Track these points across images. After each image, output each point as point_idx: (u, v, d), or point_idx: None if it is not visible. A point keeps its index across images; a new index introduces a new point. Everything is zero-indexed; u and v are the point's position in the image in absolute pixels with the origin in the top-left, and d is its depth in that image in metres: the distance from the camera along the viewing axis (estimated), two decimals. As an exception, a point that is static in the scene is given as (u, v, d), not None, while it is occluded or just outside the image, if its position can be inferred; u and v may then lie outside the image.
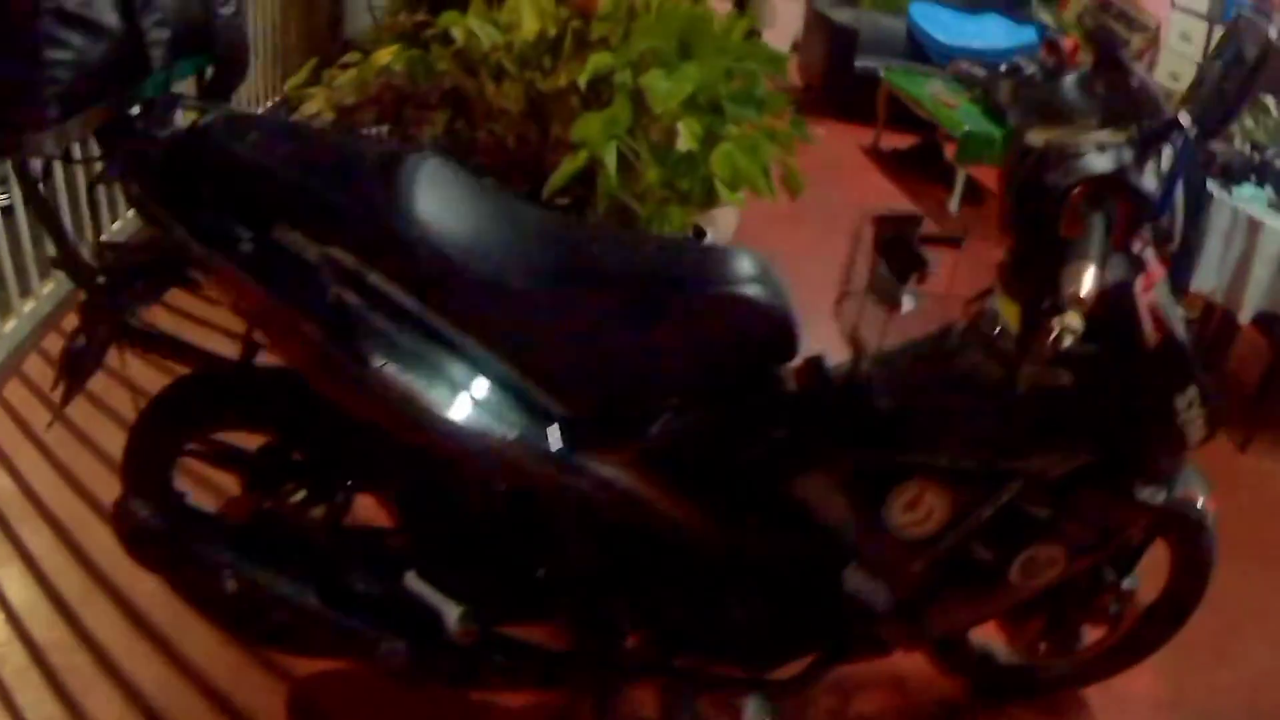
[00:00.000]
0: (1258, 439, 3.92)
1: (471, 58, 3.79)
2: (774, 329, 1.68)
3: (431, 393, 1.54)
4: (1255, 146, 4.16)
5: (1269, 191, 4.03)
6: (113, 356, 1.78)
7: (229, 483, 1.99)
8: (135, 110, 1.59)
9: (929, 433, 1.75)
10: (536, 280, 1.61)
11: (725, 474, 1.73)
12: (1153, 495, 1.81)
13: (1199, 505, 2.05)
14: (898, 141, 6.78)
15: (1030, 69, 1.89)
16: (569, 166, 3.14)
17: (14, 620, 2.36)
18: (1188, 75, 6.66)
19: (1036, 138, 1.68)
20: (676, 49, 3.61)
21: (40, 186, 1.72)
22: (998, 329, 1.70)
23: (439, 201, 1.58)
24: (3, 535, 2.62)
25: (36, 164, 1.65)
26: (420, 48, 4.12)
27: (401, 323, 1.57)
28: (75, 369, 1.72)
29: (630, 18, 3.77)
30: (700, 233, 3.77)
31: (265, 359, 1.79)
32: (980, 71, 4.36)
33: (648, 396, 1.69)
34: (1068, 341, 1.41)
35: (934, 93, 6.15)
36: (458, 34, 3.82)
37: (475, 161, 3.59)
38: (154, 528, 1.86)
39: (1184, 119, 1.59)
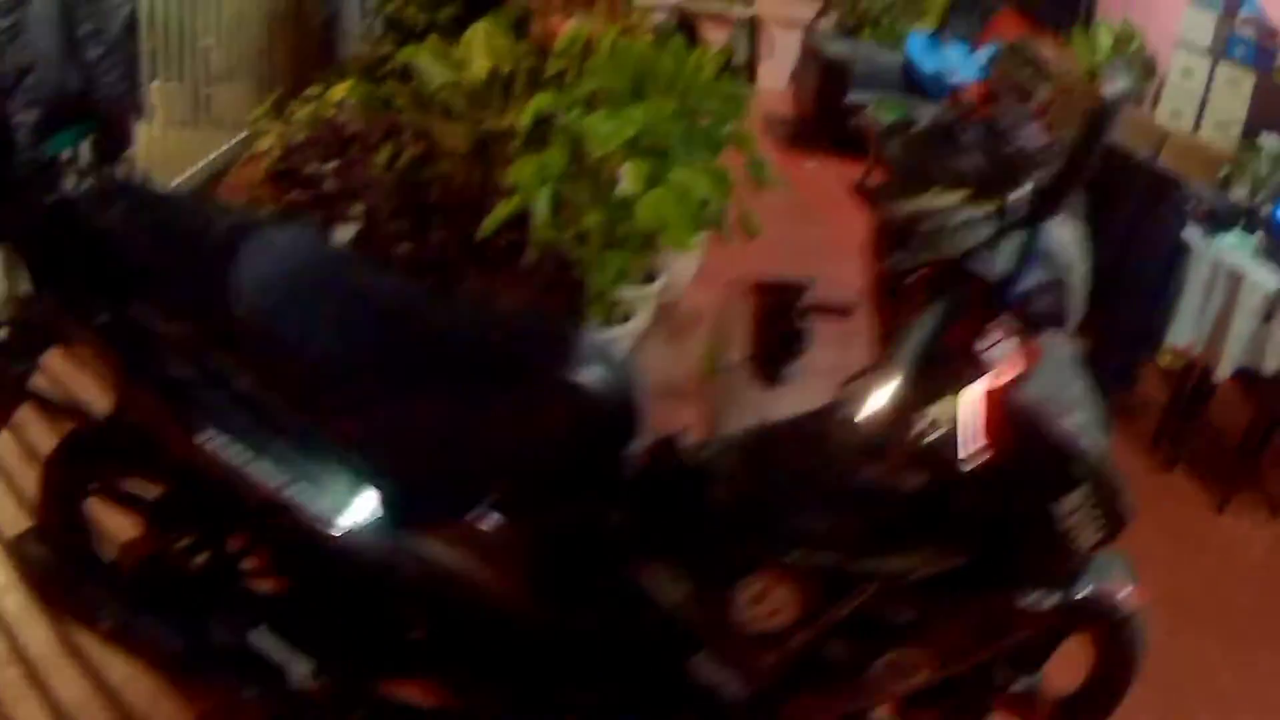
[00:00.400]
0: (1236, 500, 3.76)
1: (423, 96, 3.70)
2: (609, 414, 1.62)
3: (256, 466, 1.57)
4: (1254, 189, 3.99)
5: (1258, 239, 3.85)
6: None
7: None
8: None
9: (777, 526, 1.64)
10: (371, 362, 1.61)
11: (565, 556, 1.68)
12: (1039, 601, 1.65)
13: (1119, 598, 1.84)
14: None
15: (924, 123, 1.74)
16: (501, 211, 3.04)
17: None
18: (1189, 113, 6.52)
19: (902, 205, 1.54)
20: (629, 88, 3.49)
21: None
22: (859, 416, 1.56)
23: (276, 280, 1.59)
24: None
25: None
26: (379, 82, 4.04)
27: (235, 398, 1.60)
28: None
29: (584, 55, 3.67)
30: (650, 276, 3.64)
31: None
32: (878, 123, 4.25)
33: (477, 477, 1.66)
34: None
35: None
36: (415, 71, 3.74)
37: (426, 201, 3.49)
38: (45, 565, 1.91)
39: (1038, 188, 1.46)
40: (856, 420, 1.53)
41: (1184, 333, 3.78)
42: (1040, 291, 1.50)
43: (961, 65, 7.21)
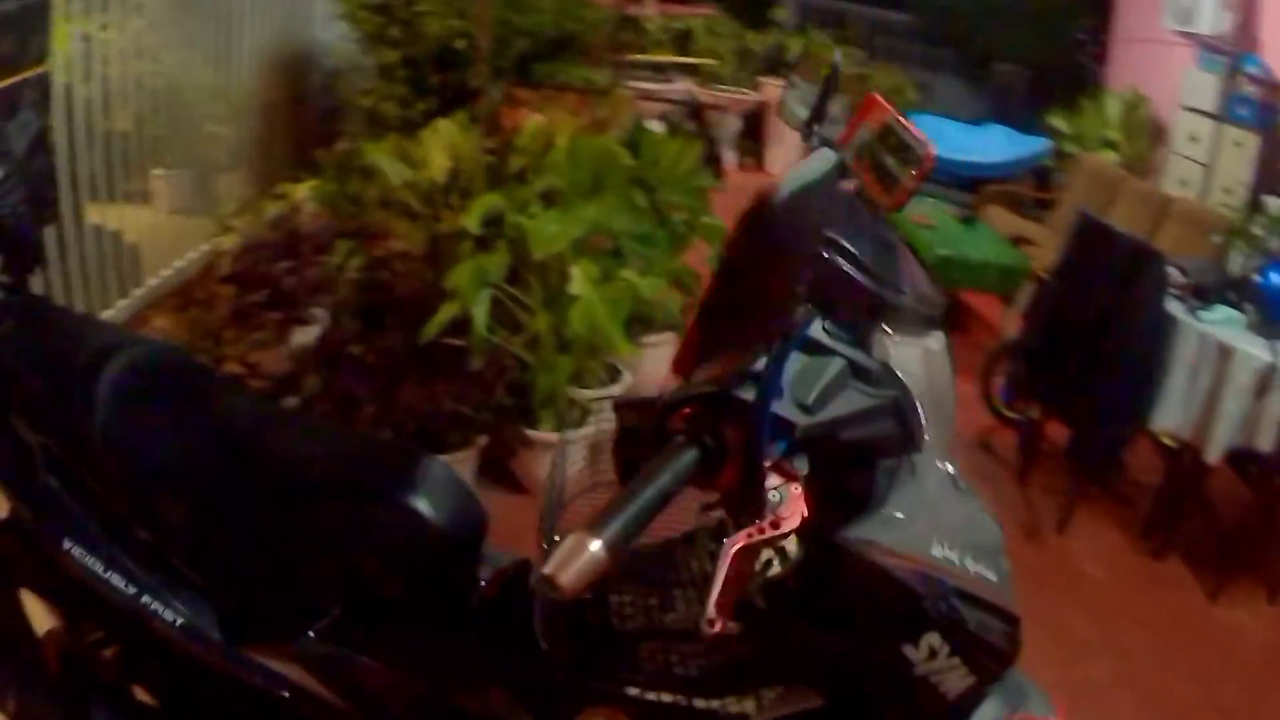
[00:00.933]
0: (1232, 587, 3.57)
1: (384, 195, 3.68)
2: (445, 540, 1.60)
3: (110, 576, 1.67)
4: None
5: (1249, 313, 3.66)
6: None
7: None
8: None
9: (617, 660, 1.55)
10: (212, 478, 1.66)
11: (401, 680, 1.65)
12: None
13: None
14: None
15: None
16: (441, 315, 2.98)
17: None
18: (1195, 180, 6.40)
19: None
20: (589, 185, 3.45)
21: None
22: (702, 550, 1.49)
23: (131, 397, 1.68)
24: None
25: None
26: (345, 179, 4.03)
27: (92, 509, 1.70)
28: None
29: (544, 151, 3.63)
30: (614, 373, 3.56)
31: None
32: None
33: (312, 597, 1.67)
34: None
35: (912, 213, 5.93)
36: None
37: (380, 303, 3.45)
38: None
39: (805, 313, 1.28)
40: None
41: (1171, 415, 3.58)
42: (865, 418, 1.38)
43: (977, 147, 7.14)
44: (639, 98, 7.23)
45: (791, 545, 1.33)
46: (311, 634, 1.63)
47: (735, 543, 1.21)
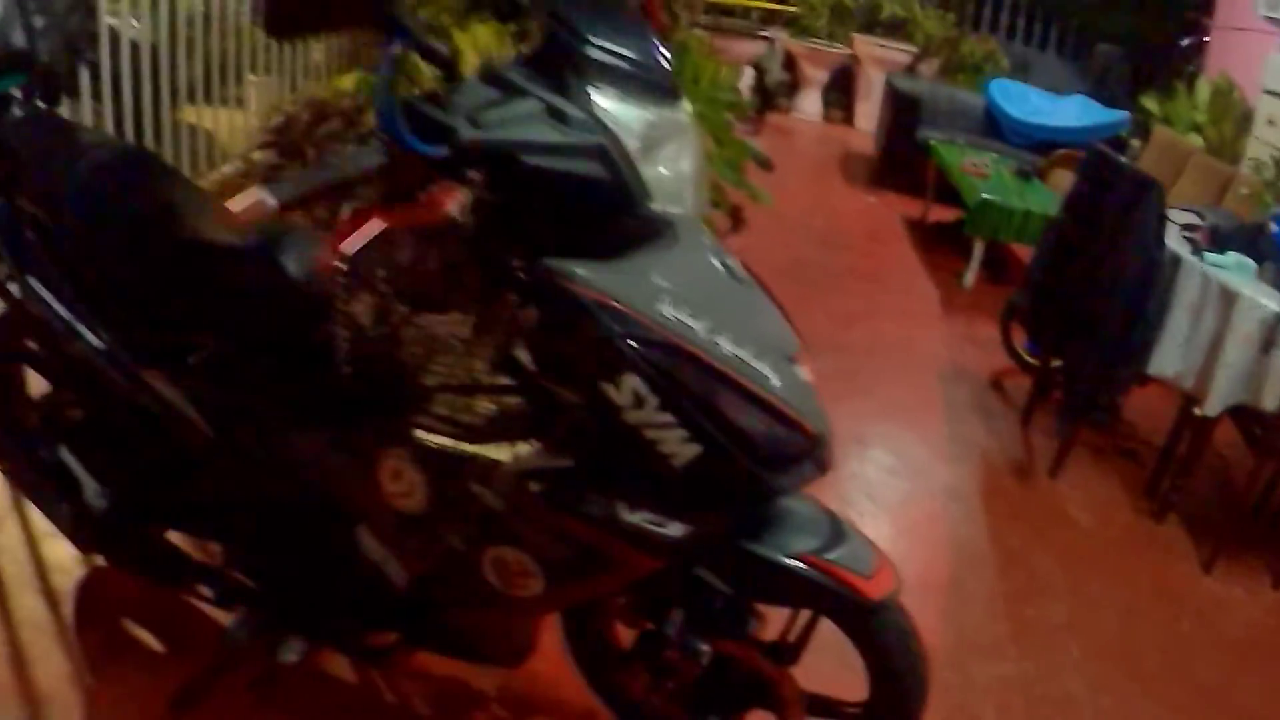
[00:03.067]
0: (1233, 562, 3.40)
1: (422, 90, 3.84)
2: (289, 298, 1.88)
3: (57, 306, 2.05)
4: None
5: (1265, 267, 3.51)
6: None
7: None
8: None
9: (406, 403, 1.71)
10: (129, 232, 2.02)
11: (251, 412, 1.95)
12: (651, 525, 1.57)
13: (843, 580, 1.70)
14: (948, 215, 6.49)
15: None
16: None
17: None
18: (1270, 163, 6.22)
19: None
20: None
21: None
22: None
23: (93, 187, 2.04)
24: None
25: None
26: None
27: (57, 258, 2.06)
28: None
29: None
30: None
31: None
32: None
33: (188, 332, 1.97)
34: None
35: (967, 162, 5.89)
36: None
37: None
38: None
39: None
40: None
41: (1170, 360, 3.44)
42: (554, 150, 1.48)
43: (1055, 113, 7.05)
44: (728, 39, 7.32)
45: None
46: (189, 361, 1.95)
47: (377, 214, 1.47)
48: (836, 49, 9.23)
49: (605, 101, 1.52)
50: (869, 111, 8.75)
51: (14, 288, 2.17)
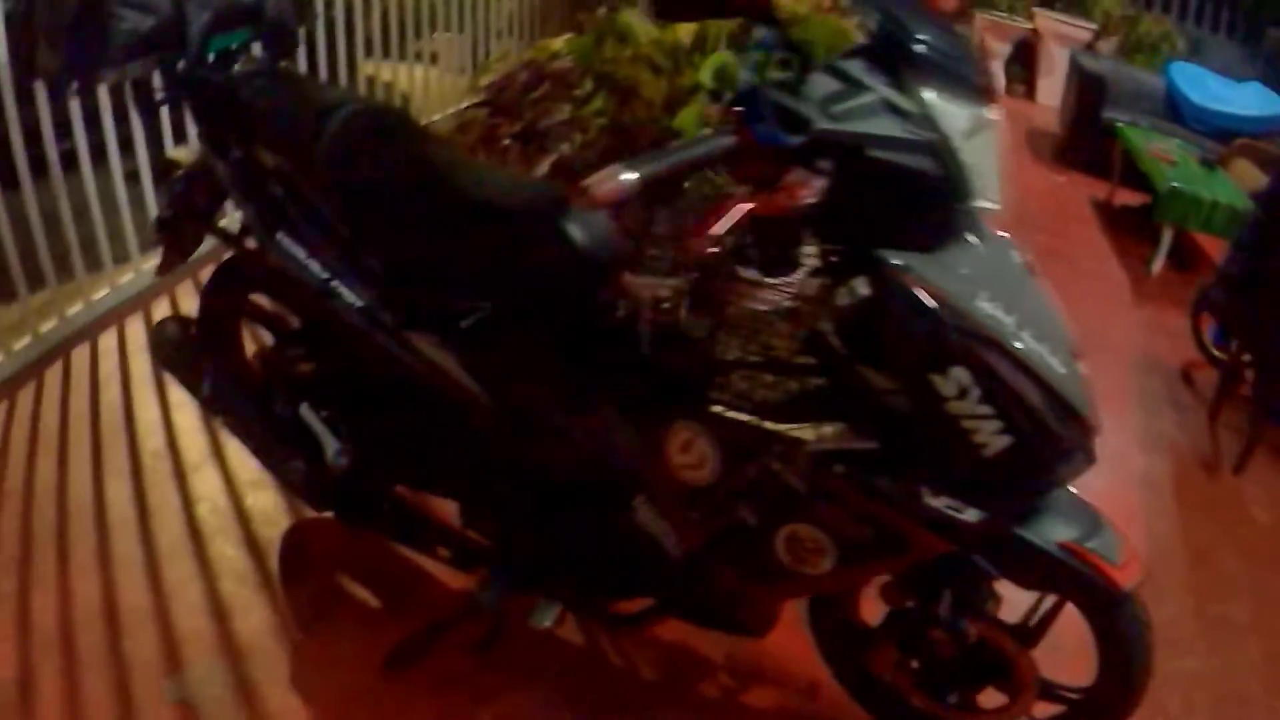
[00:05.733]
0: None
1: (637, 52, 3.98)
2: (578, 262, 1.89)
3: (309, 263, 2.10)
4: None
5: None
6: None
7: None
8: (184, 65, 2.18)
9: (705, 380, 1.76)
10: (406, 198, 2.03)
11: (533, 378, 1.99)
12: (949, 510, 1.64)
13: (1096, 567, 1.77)
14: (1134, 198, 6.38)
15: None
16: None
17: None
18: None
19: None
20: (821, 55, 3.64)
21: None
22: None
23: (347, 139, 2.04)
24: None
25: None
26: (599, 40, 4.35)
27: (308, 213, 2.12)
28: (167, 228, 2.36)
29: (786, 25, 3.83)
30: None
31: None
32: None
33: (465, 295, 2.01)
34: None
35: (1155, 147, 5.80)
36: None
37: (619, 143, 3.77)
38: (173, 338, 2.48)
39: None
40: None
41: None
42: (896, 144, 1.54)
43: (1235, 99, 6.87)
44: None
45: (863, 287, 1.57)
46: (463, 325, 1.99)
47: (746, 201, 1.51)
48: (1017, 22, 9.06)
49: (932, 98, 1.58)
50: (1050, 87, 8.57)
51: (250, 240, 2.23)
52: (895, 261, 1.57)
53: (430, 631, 2.23)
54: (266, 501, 2.66)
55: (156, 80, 2.27)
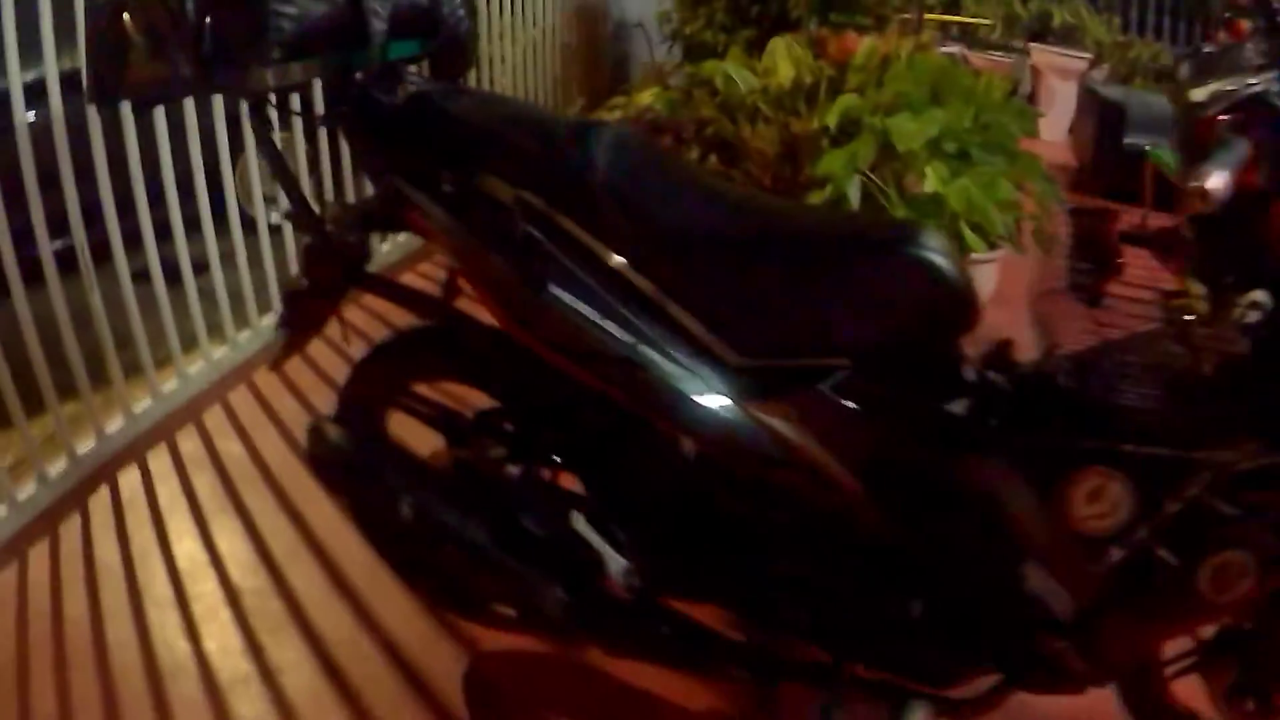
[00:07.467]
0: None
1: (730, 102, 4.02)
2: (949, 297, 1.62)
3: (602, 322, 1.63)
4: None
5: None
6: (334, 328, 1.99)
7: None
8: (360, 76, 1.79)
9: (1115, 419, 1.63)
10: (716, 238, 1.68)
11: (897, 448, 1.67)
12: None
13: None
14: (1168, 223, 6.48)
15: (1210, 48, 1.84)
16: (815, 198, 3.27)
17: (217, 565, 2.62)
18: None
19: (1199, 93, 1.61)
20: (927, 96, 3.70)
21: (274, 138, 1.87)
22: (1188, 315, 1.60)
23: (624, 161, 1.70)
24: (224, 492, 2.92)
25: (273, 116, 1.84)
26: (679, 93, 4.40)
27: (582, 261, 1.66)
28: (295, 310, 1.93)
29: (883, 68, 3.90)
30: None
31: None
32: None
33: (820, 352, 1.66)
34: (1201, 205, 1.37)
35: (1191, 169, 5.92)
36: (718, 81, 4.07)
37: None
38: (341, 449, 1.97)
39: None
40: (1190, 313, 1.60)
41: None
42: None
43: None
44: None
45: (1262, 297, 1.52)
46: (818, 388, 1.62)
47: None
48: (1012, 59, 9.26)
49: None
50: (1051, 122, 8.75)
51: (522, 296, 1.66)
52: None
53: None
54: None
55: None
